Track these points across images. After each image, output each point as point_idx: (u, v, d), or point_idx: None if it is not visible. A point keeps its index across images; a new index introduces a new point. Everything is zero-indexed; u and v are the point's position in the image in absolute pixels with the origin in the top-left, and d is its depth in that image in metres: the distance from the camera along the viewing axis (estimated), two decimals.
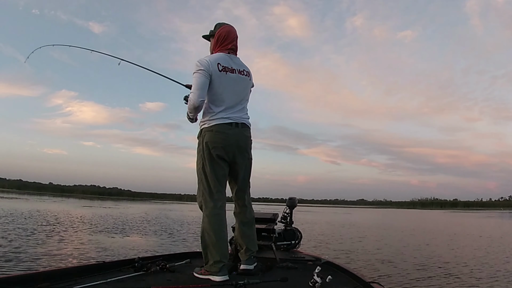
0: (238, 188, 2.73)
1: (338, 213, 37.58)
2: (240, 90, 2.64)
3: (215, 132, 2.51)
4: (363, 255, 7.93)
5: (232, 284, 2.10)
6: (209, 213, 2.52)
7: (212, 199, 2.54)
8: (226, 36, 2.67)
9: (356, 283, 2.43)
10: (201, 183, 2.59)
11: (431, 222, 25.49)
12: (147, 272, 2.55)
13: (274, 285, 2.29)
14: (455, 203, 71.04)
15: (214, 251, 2.46)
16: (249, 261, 2.71)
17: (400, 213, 44.95)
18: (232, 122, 2.55)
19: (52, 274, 2.24)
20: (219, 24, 2.73)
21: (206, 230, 2.51)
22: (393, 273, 5.90)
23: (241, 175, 2.70)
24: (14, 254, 6.17)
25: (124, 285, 2.26)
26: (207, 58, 2.54)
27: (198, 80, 2.48)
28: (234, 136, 2.54)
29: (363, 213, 40.53)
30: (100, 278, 2.30)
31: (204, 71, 2.49)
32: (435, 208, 64.33)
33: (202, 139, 2.56)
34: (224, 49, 2.65)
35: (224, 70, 2.56)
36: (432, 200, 74.45)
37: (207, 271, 2.48)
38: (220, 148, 2.52)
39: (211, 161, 2.53)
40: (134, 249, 7.64)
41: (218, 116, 2.53)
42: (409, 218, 31.14)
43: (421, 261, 7.19)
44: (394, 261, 7.22)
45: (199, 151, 2.60)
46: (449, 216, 35.49)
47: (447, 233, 15.00)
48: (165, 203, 52.96)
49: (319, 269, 2.26)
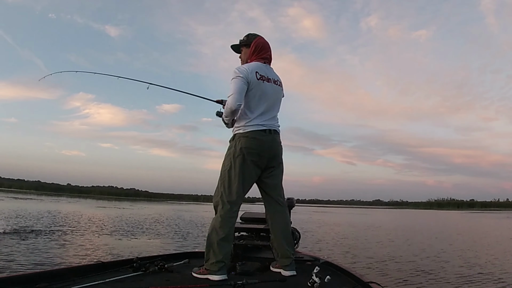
0: (272, 191, 2.78)
1: (354, 214, 37.21)
2: (273, 99, 2.76)
3: (250, 138, 2.60)
4: (373, 257, 7.83)
5: (231, 284, 2.09)
6: (223, 214, 2.56)
7: (231, 202, 2.59)
8: (262, 46, 2.79)
9: (354, 283, 2.40)
10: (223, 184, 2.63)
11: (449, 222, 25.05)
12: (145, 272, 2.56)
13: (272, 285, 2.29)
14: (472, 204, 69.57)
15: (218, 250, 2.49)
16: (291, 266, 2.70)
17: (417, 213, 44.27)
18: (266, 129, 2.65)
19: (51, 274, 2.26)
20: (252, 35, 2.84)
21: (216, 229, 2.54)
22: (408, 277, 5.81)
23: (275, 180, 2.78)
24: (12, 254, 6.23)
25: (123, 285, 2.27)
26: (245, 66, 2.65)
27: (237, 85, 2.56)
28: (268, 143, 2.64)
29: (380, 214, 40.07)
30: (98, 278, 2.32)
31: (243, 78, 2.58)
32: (452, 209, 63.14)
33: (235, 143, 2.63)
34: (261, 58, 2.77)
35: (261, 79, 2.66)
36: (448, 201, 72.94)
37: (206, 270, 2.50)
38: (255, 153, 2.60)
39: (243, 165, 2.59)
40: (137, 249, 7.65)
41: (253, 122, 2.62)
42: (426, 218, 30.63)
43: (429, 263, 7.09)
44: (403, 262, 7.14)
45: (229, 153, 2.66)
46: (467, 217, 34.81)
47: (469, 235, 14.64)
48: (181, 204, 53.22)
49: (318, 269, 2.23)
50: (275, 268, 2.78)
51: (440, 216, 35.75)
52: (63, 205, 27.88)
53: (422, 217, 33.67)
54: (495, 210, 58.85)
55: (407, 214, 41.06)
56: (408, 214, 41.13)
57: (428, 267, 6.62)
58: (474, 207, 66.35)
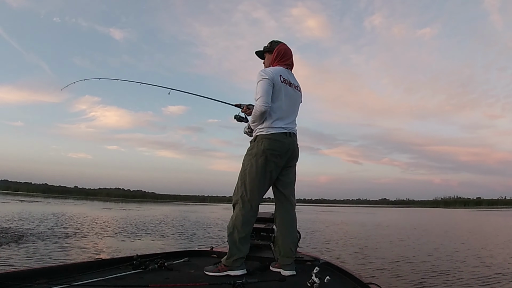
0: (286, 189, 2.83)
1: (361, 213, 37.04)
2: (294, 103, 2.84)
3: (273, 140, 2.65)
4: (385, 258, 7.76)
5: (230, 283, 2.10)
6: (245, 213, 2.64)
7: (251, 201, 2.66)
8: (285, 53, 2.86)
9: (354, 284, 2.40)
10: (244, 184, 2.68)
11: (457, 221, 24.87)
12: (145, 270, 2.57)
13: (272, 284, 2.30)
14: (479, 202, 68.79)
15: (241, 247, 2.60)
16: (291, 266, 2.72)
17: (424, 212, 44.02)
18: (287, 132, 2.71)
19: (50, 271, 2.27)
20: (275, 42, 2.91)
21: (238, 228, 2.62)
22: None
23: (290, 178, 2.86)
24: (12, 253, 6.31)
25: (123, 282, 2.27)
26: (270, 69, 2.72)
27: (264, 87, 2.61)
28: (288, 145, 2.71)
29: (387, 213, 39.90)
30: (98, 275, 2.33)
31: (268, 79, 2.63)
32: (458, 207, 62.67)
33: (258, 144, 2.68)
34: (283, 64, 2.83)
35: (284, 82, 2.73)
36: (455, 199, 72.36)
37: (226, 267, 2.59)
38: (277, 155, 2.67)
39: (265, 166, 2.65)
40: (139, 251, 7.56)
41: (275, 124, 2.68)
42: (434, 217, 30.41)
43: (443, 264, 6.96)
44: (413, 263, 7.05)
45: (250, 153, 2.70)
46: (475, 215, 34.53)
47: (480, 233, 14.41)
48: (188, 205, 53.27)
49: (318, 270, 2.25)
50: (274, 268, 2.80)
51: (447, 215, 35.48)
52: (68, 207, 27.78)
53: (430, 215, 33.38)
54: (502, 207, 58.35)
55: (414, 213, 40.83)
56: (415, 213, 40.90)
57: (443, 268, 6.44)
58: (481, 205, 65.75)
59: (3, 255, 6.11)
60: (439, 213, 39.25)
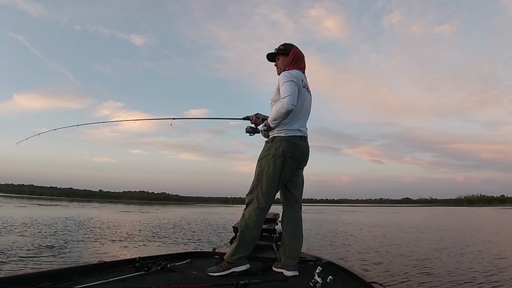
0: (295, 190, 2.86)
1: (384, 213, 36.38)
2: (308, 107, 2.88)
3: (291, 143, 2.69)
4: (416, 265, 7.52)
5: (233, 284, 2.10)
6: (258, 213, 2.66)
7: (266, 201, 2.67)
8: (299, 56, 2.87)
9: (357, 284, 2.37)
10: (260, 184, 2.69)
11: (484, 219, 24.22)
12: (147, 272, 2.58)
13: (274, 285, 2.28)
14: (503, 199, 66.75)
15: (250, 246, 2.66)
16: (294, 267, 2.72)
17: (448, 211, 43.10)
18: (302, 136, 2.77)
19: (53, 274, 2.29)
20: (289, 44, 2.91)
21: (249, 227, 2.65)
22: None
23: (301, 180, 2.91)
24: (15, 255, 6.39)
25: (125, 285, 2.29)
26: (294, 72, 2.72)
27: (293, 87, 2.61)
28: (302, 148, 2.77)
29: (410, 212, 39.20)
30: (101, 277, 2.34)
31: (295, 82, 2.65)
32: (482, 205, 61.28)
33: (276, 145, 2.69)
34: (299, 67, 2.83)
35: (304, 87, 2.78)
36: (479, 197, 70.72)
37: (231, 264, 2.61)
38: (293, 157, 2.71)
39: (282, 167, 2.67)
40: (143, 252, 7.55)
41: (293, 127, 2.72)
42: (459, 216, 29.64)
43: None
44: None
45: (268, 154, 2.71)
46: (501, 213, 33.55)
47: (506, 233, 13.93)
48: (210, 207, 53.50)
49: (320, 269, 2.23)
50: (277, 268, 2.81)
51: (472, 213, 34.62)
52: (86, 210, 27.48)
53: (454, 214, 32.58)
54: None
55: (437, 212, 40.05)
56: (439, 212, 40.10)
57: (478, 270, 6.06)
58: (506, 203, 63.96)
59: (6, 259, 6.17)
60: (464, 212, 38.35)
